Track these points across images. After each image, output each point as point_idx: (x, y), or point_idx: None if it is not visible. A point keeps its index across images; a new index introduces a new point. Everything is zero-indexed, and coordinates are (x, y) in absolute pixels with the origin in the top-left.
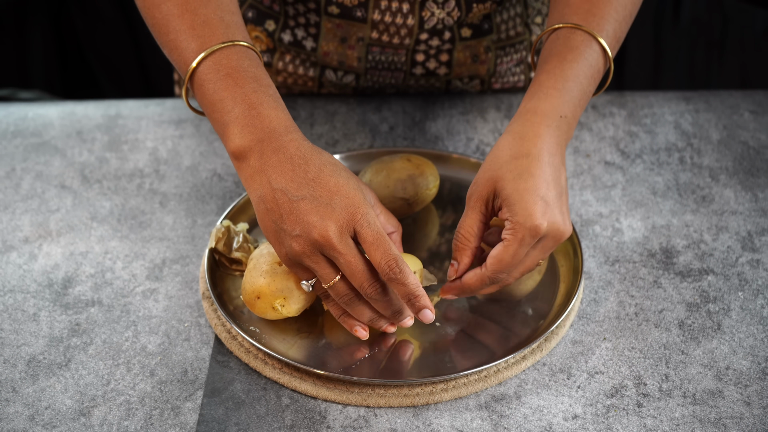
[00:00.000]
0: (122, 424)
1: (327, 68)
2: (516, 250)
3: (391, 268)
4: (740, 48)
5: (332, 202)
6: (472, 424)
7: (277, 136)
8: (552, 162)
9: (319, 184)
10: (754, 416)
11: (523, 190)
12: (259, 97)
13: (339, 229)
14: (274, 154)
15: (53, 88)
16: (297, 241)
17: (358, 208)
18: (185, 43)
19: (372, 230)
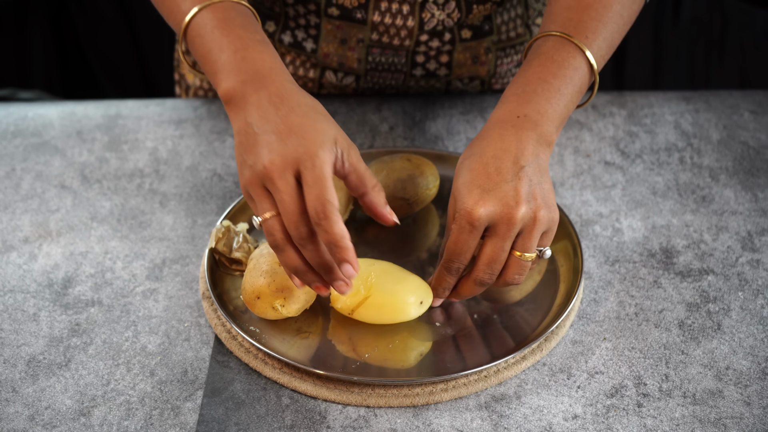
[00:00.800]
0: (122, 424)
1: (327, 69)
2: (456, 236)
3: (318, 212)
4: (740, 48)
5: (288, 139)
6: (472, 424)
7: (260, 77)
8: (502, 155)
9: (285, 121)
10: (754, 416)
11: (461, 184)
12: (245, 42)
13: (283, 165)
14: (255, 93)
15: (53, 88)
16: (249, 170)
17: (308, 149)
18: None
19: (314, 173)
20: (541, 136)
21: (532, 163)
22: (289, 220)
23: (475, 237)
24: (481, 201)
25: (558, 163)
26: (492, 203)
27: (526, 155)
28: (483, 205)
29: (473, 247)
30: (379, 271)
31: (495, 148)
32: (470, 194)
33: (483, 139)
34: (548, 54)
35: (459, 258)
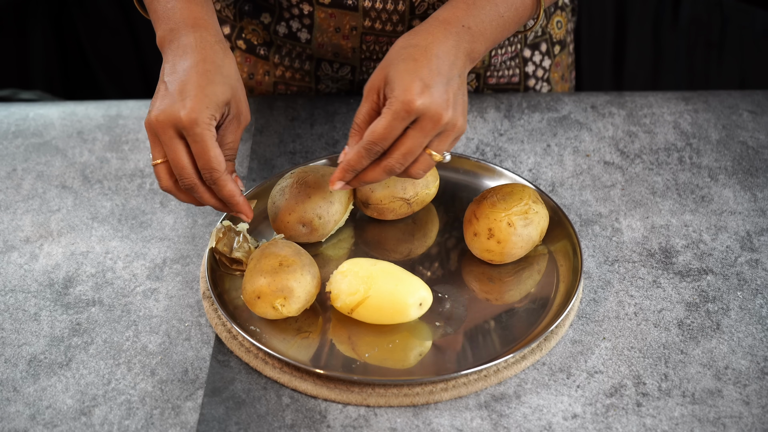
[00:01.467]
0: (123, 424)
1: (323, 61)
2: (388, 122)
3: (207, 179)
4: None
5: (176, 98)
6: (472, 423)
7: (185, 25)
8: (443, 56)
9: (182, 76)
10: (753, 415)
11: (404, 70)
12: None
13: (166, 122)
14: (176, 40)
15: (54, 88)
16: (148, 116)
17: (189, 113)
18: None
19: (195, 139)
20: (472, 52)
21: (462, 75)
22: (176, 171)
23: (404, 125)
24: (422, 94)
25: (558, 163)
26: (429, 98)
27: (458, 65)
28: (422, 98)
29: (398, 134)
30: (380, 272)
31: (438, 48)
32: (413, 84)
33: (428, 34)
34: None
35: (383, 142)
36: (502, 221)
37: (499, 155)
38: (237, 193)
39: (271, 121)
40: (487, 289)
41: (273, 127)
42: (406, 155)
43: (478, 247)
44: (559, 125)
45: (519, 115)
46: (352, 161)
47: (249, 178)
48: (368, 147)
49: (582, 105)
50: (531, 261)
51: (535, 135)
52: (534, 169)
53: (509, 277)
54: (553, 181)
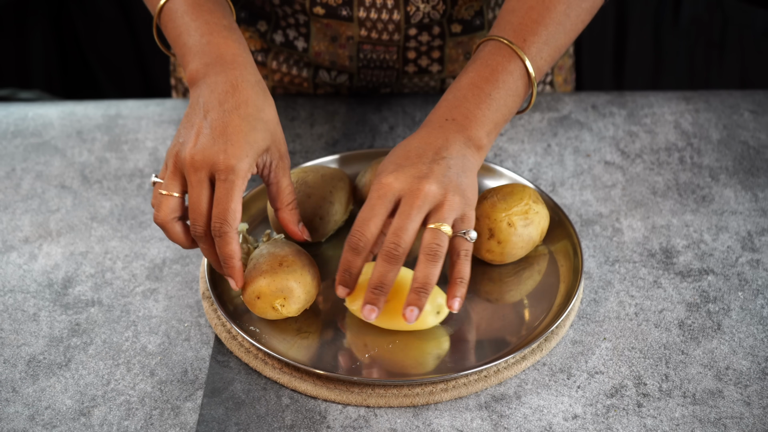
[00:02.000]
0: (122, 424)
1: (320, 68)
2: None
3: (215, 229)
4: (740, 48)
5: (217, 139)
6: (472, 424)
7: (223, 62)
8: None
9: (224, 117)
10: (754, 416)
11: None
12: (211, 27)
13: (201, 164)
14: (214, 75)
15: (53, 88)
16: (177, 146)
17: (228, 159)
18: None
19: (225, 186)
20: (468, 140)
21: (456, 157)
22: (192, 216)
23: (382, 208)
24: (394, 174)
25: (558, 163)
26: (404, 176)
27: (451, 150)
28: (395, 178)
29: (381, 218)
30: (401, 278)
31: (421, 141)
32: (386, 168)
33: (411, 136)
34: (484, 59)
35: (363, 227)
36: (502, 221)
37: (500, 155)
38: (237, 256)
39: None
40: (487, 289)
41: None
42: (397, 232)
43: (478, 247)
44: (559, 125)
45: (519, 114)
46: (342, 262)
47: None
48: (350, 241)
49: (582, 105)
50: (531, 261)
51: (535, 135)
52: (534, 169)
53: (509, 277)
54: (553, 181)
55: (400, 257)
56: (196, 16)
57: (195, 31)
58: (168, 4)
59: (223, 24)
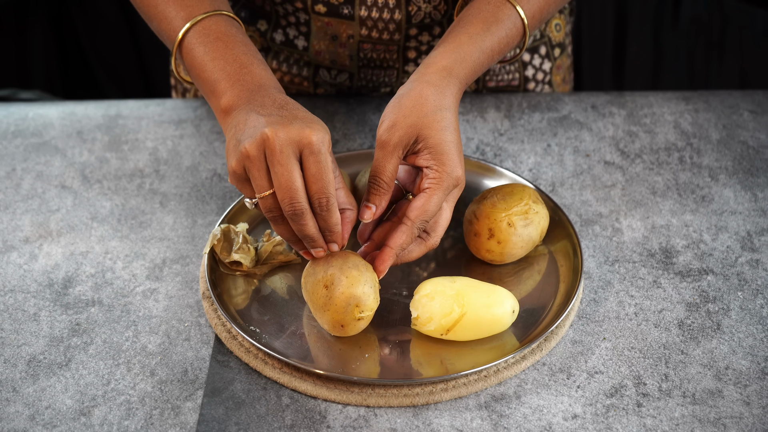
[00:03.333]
0: (122, 424)
1: (320, 68)
2: (439, 197)
3: (321, 204)
4: (740, 48)
5: (295, 122)
6: (472, 423)
7: (266, 88)
8: (457, 119)
9: (290, 112)
10: (754, 416)
11: (450, 141)
12: (249, 58)
13: (286, 140)
14: (260, 98)
15: (53, 88)
16: (248, 143)
17: (315, 133)
18: (173, 12)
19: (318, 161)
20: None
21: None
22: (284, 195)
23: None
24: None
25: (558, 163)
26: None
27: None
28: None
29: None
30: (466, 287)
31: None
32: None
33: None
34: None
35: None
36: (502, 221)
37: (500, 155)
38: (340, 222)
39: None
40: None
41: None
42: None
43: (478, 247)
44: (559, 125)
45: (519, 115)
46: (405, 243)
47: None
48: (421, 226)
49: (582, 105)
50: (531, 261)
51: (535, 135)
52: (534, 169)
53: (509, 277)
54: (553, 181)
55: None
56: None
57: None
58: (188, 37)
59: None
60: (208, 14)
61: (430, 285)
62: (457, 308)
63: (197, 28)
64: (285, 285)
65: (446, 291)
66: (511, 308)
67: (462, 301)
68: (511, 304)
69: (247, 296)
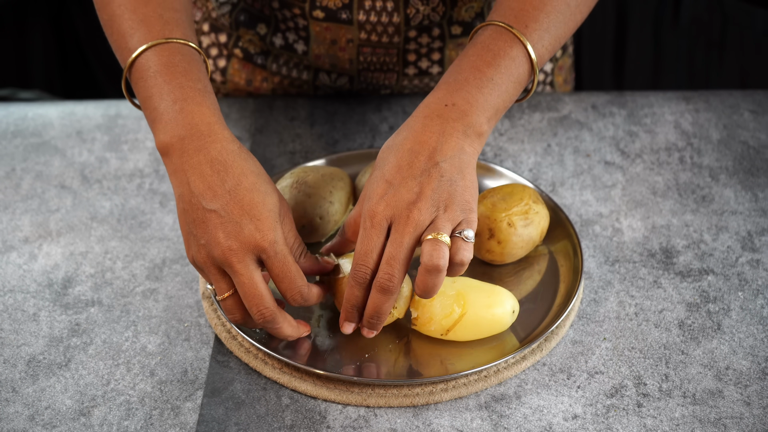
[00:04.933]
0: (122, 424)
1: (320, 71)
2: (362, 236)
3: (295, 300)
4: (740, 48)
5: (242, 221)
6: (472, 424)
7: (199, 134)
8: (418, 149)
9: (234, 198)
10: (754, 416)
11: (372, 179)
12: (186, 92)
13: (242, 252)
14: (195, 154)
15: (53, 88)
16: (201, 249)
17: (266, 234)
18: (125, 42)
19: (278, 262)
20: (468, 127)
21: (450, 159)
22: (252, 303)
23: (378, 235)
24: (385, 199)
25: (558, 163)
26: (394, 201)
27: (445, 150)
28: (386, 204)
29: (378, 248)
30: (466, 288)
31: (414, 140)
32: (378, 189)
33: (406, 129)
34: (485, 43)
35: (365, 260)
36: (502, 221)
37: (499, 155)
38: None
39: (271, 121)
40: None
41: (273, 126)
42: (389, 261)
43: (478, 247)
44: (559, 125)
45: (519, 114)
46: (347, 295)
47: None
48: (353, 272)
49: (582, 105)
50: (531, 261)
51: (535, 135)
52: (534, 169)
53: (509, 277)
54: (553, 181)
55: (394, 288)
56: (170, 77)
57: (167, 96)
58: (140, 60)
59: (197, 88)
60: (154, 43)
61: None
62: (458, 308)
63: (141, 59)
64: None
65: (446, 291)
66: (512, 308)
67: (462, 302)
68: (511, 305)
69: None
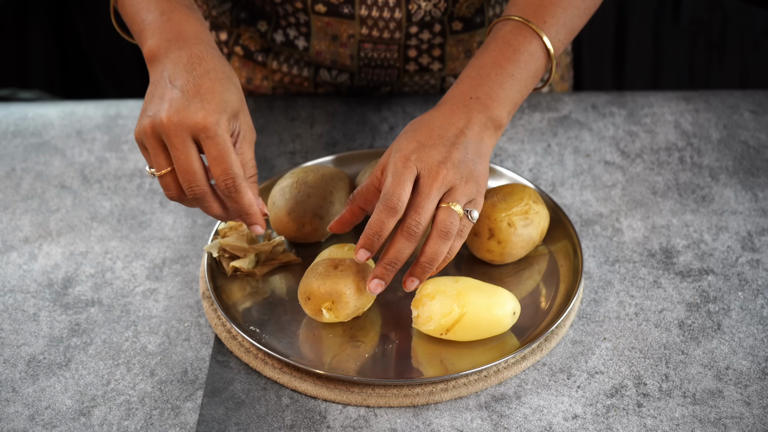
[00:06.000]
0: (122, 424)
1: (321, 68)
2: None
3: (228, 187)
4: (740, 48)
5: (192, 100)
6: (472, 424)
7: (185, 37)
8: (447, 126)
9: (196, 82)
10: (754, 416)
11: (403, 138)
12: (172, 5)
13: (181, 125)
14: (177, 51)
15: (53, 88)
16: (148, 120)
17: (208, 117)
18: None
19: (216, 144)
20: (489, 120)
21: (474, 142)
22: (184, 178)
23: (409, 177)
24: (417, 152)
25: (558, 163)
26: (425, 156)
27: (471, 133)
28: (417, 156)
29: (409, 188)
30: (467, 288)
31: (444, 119)
32: (410, 144)
33: (435, 110)
34: (505, 38)
35: (398, 191)
36: (502, 221)
37: (500, 155)
38: (254, 202)
39: (271, 120)
40: None
41: (273, 126)
42: (418, 210)
43: (478, 247)
44: (559, 125)
45: (519, 114)
46: (373, 221)
47: None
48: (386, 201)
49: (582, 105)
50: (531, 261)
51: (535, 135)
52: (534, 168)
53: (509, 277)
54: (553, 181)
55: (419, 234)
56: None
57: (155, 9)
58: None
59: (184, 3)
60: None
61: (432, 284)
62: (457, 308)
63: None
64: (285, 285)
65: (447, 291)
66: (512, 310)
67: (462, 302)
68: (512, 306)
69: (247, 296)
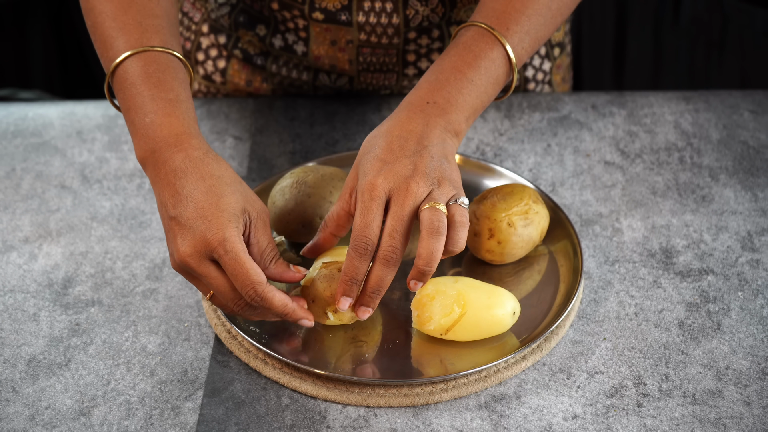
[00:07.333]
0: (122, 424)
1: (320, 72)
2: (361, 211)
3: (251, 297)
4: (740, 48)
5: (194, 225)
6: (472, 424)
7: (166, 146)
8: (406, 135)
9: (189, 203)
10: (754, 416)
11: (365, 159)
12: (156, 104)
13: (196, 254)
14: (162, 167)
15: (53, 88)
16: (171, 260)
17: (215, 234)
18: (106, 50)
19: (229, 258)
20: (448, 124)
21: (437, 145)
22: (226, 298)
23: (378, 207)
24: (382, 174)
25: (558, 163)
26: (391, 175)
27: (431, 137)
28: (383, 178)
29: (378, 220)
30: (467, 288)
31: (402, 128)
32: (373, 166)
33: (391, 120)
34: (466, 44)
35: (366, 231)
36: (502, 221)
37: (499, 155)
38: (288, 301)
39: (271, 121)
40: None
41: (273, 127)
42: (393, 235)
43: (478, 247)
44: (559, 125)
45: (519, 114)
46: (346, 268)
47: (249, 178)
48: (355, 245)
49: (582, 105)
50: (531, 261)
51: (535, 135)
52: (534, 169)
53: (509, 277)
54: (553, 181)
55: (397, 260)
56: (144, 88)
57: (140, 108)
58: (122, 66)
59: (168, 98)
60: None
61: (432, 285)
62: (457, 308)
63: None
64: (285, 284)
65: (447, 291)
66: (512, 310)
67: (462, 302)
68: (512, 306)
69: None
